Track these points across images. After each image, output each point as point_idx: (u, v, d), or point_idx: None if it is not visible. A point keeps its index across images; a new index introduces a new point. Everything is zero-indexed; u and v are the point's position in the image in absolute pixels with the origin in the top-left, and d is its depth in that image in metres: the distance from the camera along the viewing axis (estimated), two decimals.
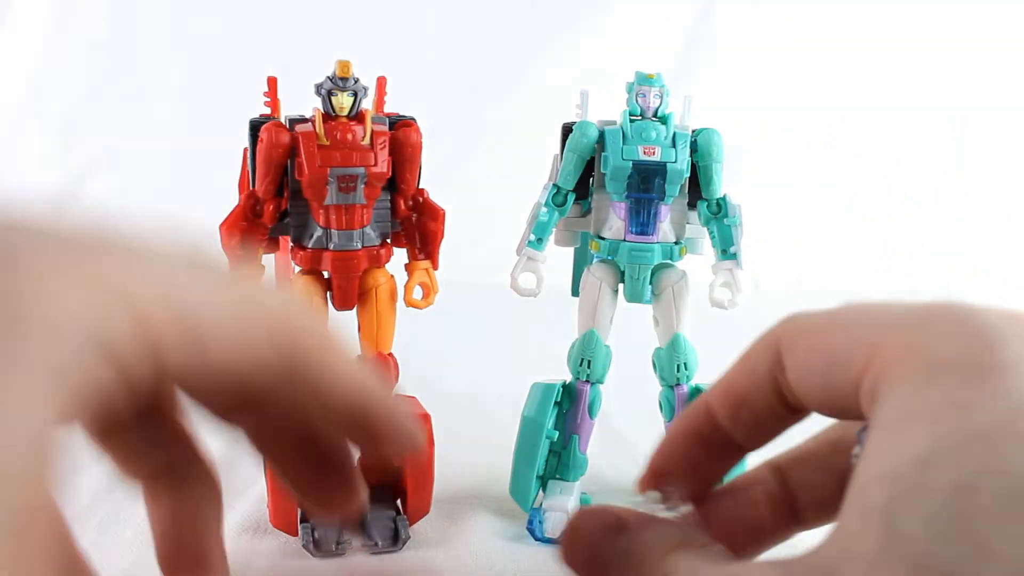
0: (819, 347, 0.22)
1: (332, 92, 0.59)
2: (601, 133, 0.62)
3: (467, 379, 0.92)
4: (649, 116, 0.63)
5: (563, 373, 0.66)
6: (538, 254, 0.64)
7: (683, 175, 0.62)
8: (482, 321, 1.09)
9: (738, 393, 0.24)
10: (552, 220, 0.64)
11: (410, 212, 0.63)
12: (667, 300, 0.63)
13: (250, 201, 0.60)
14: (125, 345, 0.16)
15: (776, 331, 0.23)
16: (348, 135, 0.58)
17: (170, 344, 0.17)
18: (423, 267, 0.63)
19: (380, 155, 0.59)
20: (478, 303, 1.08)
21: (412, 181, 0.62)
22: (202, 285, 0.18)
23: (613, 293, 0.65)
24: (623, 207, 0.63)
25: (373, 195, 0.60)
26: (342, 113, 0.59)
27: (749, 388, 0.23)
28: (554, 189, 0.64)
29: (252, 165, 0.60)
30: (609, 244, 0.64)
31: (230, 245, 0.60)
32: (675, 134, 0.62)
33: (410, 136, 0.60)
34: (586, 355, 0.64)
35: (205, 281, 0.18)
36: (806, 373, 0.22)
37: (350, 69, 0.58)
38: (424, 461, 0.60)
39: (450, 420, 0.63)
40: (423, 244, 0.63)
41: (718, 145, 0.62)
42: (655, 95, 0.62)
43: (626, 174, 0.61)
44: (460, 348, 1.01)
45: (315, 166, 0.58)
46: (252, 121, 0.60)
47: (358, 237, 0.60)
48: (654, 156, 0.61)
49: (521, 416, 0.65)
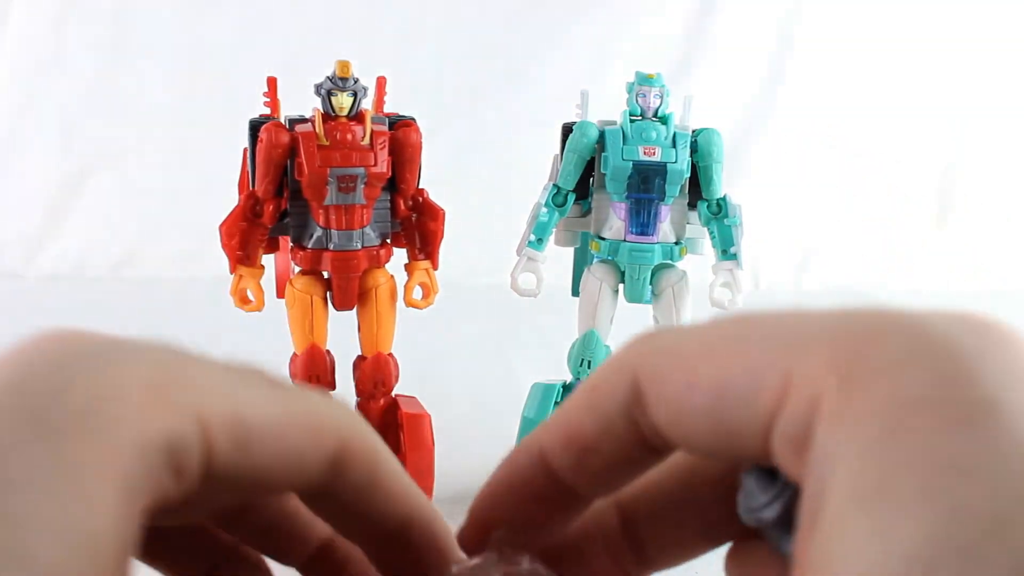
0: (700, 377, 0.16)
1: (332, 92, 0.59)
2: (601, 133, 0.62)
3: (467, 379, 0.92)
4: (649, 116, 0.63)
5: (563, 373, 0.66)
6: (538, 254, 0.64)
7: (683, 175, 0.62)
8: (482, 321, 1.09)
9: (583, 438, 0.18)
10: (552, 220, 0.64)
11: (410, 212, 0.63)
12: (667, 300, 0.64)
13: (250, 201, 0.60)
14: (187, 447, 0.17)
15: (629, 357, 0.18)
16: (348, 135, 0.58)
17: (220, 441, 0.17)
18: (423, 267, 0.64)
19: (380, 155, 0.59)
20: (478, 303, 1.08)
21: (412, 181, 0.62)
22: (256, 389, 0.18)
23: (613, 293, 0.65)
24: (623, 207, 0.63)
25: (373, 195, 0.60)
26: (342, 113, 0.59)
27: (596, 432, 0.18)
28: (554, 189, 0.64)
29: (252, 165, 0.60)
30: (609, 244, 0.64)
31: (230, 245, 0.60)
32: (675, 134, 0.62)
33: (410, 136, 0.61)
34: (586, 355, 0.65)
35: (259, 386, 0.19)
36: (683, 412, 0.16)
37: (350, 69, 0.58)
38: (424, 461, 0.60)
39: (450, 420, 0.63)
40: (423, 244, 0.63)
41: (718, 145, 0.62)
42: (655, 95, 0.62)
43: (626, 174, 0.61)
44: (460, 348, 1.01)
45: (315, 166, 0.58)
46: (252, 121, 0.60)
47: (358, 237, 0.60)
48: (654, 156, 0.61)
49: (521, 416, 0.65)
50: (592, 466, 0.19)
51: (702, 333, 0.17)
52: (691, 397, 0.16)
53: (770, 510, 0.17)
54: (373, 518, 0.20)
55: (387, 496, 0.20)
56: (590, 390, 0.18)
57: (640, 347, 0.18)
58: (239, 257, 0.60)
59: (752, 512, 0.17)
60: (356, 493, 0.20)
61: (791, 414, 0.15)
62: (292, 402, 0.19)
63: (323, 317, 0.62)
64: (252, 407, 0.18)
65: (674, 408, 0.17)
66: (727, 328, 0.17)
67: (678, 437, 0.17)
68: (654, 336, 0.18)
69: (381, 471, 0.20)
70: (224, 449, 0.17)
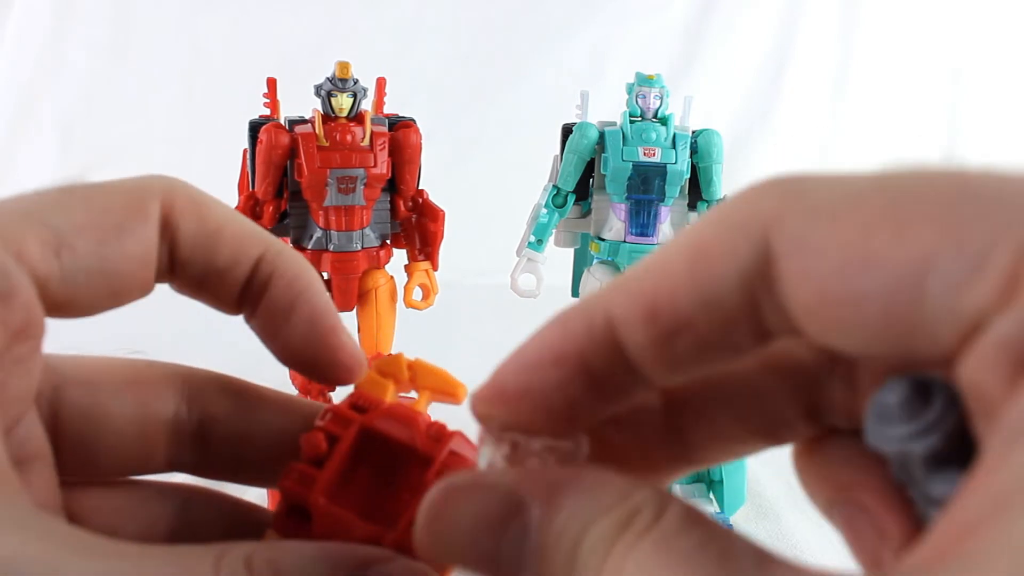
0: (877, 249, 0.12)
1: (332, 93, 0.59)
2: (601, 134, 0.62)
3: (467, 379, 0.91)
4: (649, 117, 0.63)
5: None
6: (538, 255, 0.64)
7: (683, 176, 0.62)
8: (482, 321, 1.09)
9: (676, 311, 0.14)
10: (552, 221, 0.64)
11: (410, 213, 0.63)
12: None
13: (249, 202, 0.60)
14: None
15: (758, 210, 0.13)
16: (348, 136, 0.58)
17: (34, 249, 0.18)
18: (423, 268, 0.64)
19: (380, 156, 0.59)
20: (478, 303, 1.08)
21: (412, 182, 0.62)
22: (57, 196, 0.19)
23: None
24: (623, 208, 0.63)
25: (373, 196, 0.60)
26: (341, 114, 0.59)
27: (696, 305, 0.14)
28: (554, 190, 0.64)
29: (251, 166, 0.60)
30: (609, 245, 0.64)
31: None
32: (675, 135, 0.62)
33: (409, 137, 0.61)
34: None
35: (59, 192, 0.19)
36: (840, 298, 0.12)
37: (350, 70, 0.58)
38: None
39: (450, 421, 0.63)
40: (423, 245, 0.63)
41: (718, 146, 0.62)
42: (655, 96, 0.62)
43: (626, 175, 0.61)
44: (460, 348, 1.01)
45: (315, 167, 0.58)
46: (252, 122, 0.60)
47: (358, 238, 0.60)
48: (654, 157, 0.61)
49: None
50: (679, 347, 0.14)
51: (873, 185, 0.12)
52: (859, 278, 0.12)
53: (922, 441, 0.13)
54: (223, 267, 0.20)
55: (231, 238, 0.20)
56: (694, 249, 0.14)
57: (774, 197, 0.13)
58: None
59: (892, 441, 0.13)
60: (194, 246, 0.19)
61: (1020, 312, 0.11)
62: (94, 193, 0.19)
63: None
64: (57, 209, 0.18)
65: (828, 290, 0.12)
66: (910, 184, 0.12)
67: (823, 329, 0.13)
68: (797, 181, 0.13)
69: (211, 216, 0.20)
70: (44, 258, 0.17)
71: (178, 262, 0.20)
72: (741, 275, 0.13)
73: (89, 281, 0.18)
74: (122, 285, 0.19)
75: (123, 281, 0.19)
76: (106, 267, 0.18)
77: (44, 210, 0.18)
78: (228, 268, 0.20)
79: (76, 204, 0.19)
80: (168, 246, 0.20)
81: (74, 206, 0.18)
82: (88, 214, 0.18)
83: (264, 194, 0.59)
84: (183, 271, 0.20)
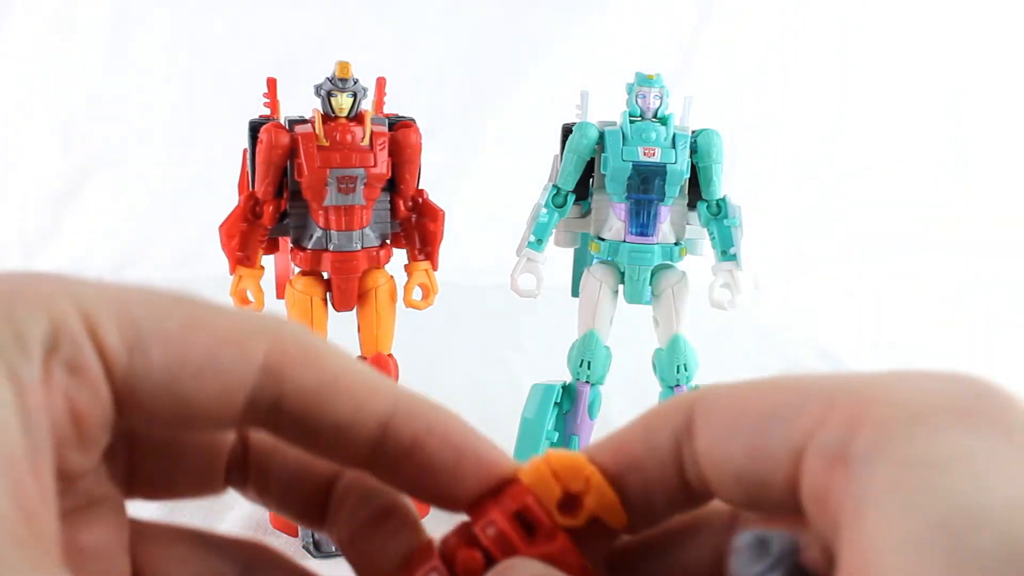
0: (749, 405, 0.17)
1: (332, 93, 0.59)
2: (601, 134, 0.62)
3: (467, 379, 0.92)
4: (649, 117, 0.63)
5: (563, 374, 0.66)
6: (538, 255, 0.64)
7: (683, 176, 0.62)
8: (482, 321, 1.09)
9: (631, 453, 0.19)
10: (552, 221, 0.64)
11: (410, 213, 0.63)
12: (667, 301, 0.63)
13: (250, 202, 0.60)
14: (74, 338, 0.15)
15: (691, 395, 0.19)
16: (348, 136, 0.58)
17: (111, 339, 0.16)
18: (423, 268, 0.64)
19: (379, 156, 0.59)
20: (478, 303, 1.08)
21: (411, 182, 0.62)
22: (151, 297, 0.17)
23: (613, 294, 0.65)
24: (623, 208, 0.63)
25: (372, 196, 0.60)
26: (341, 114, 0.59)
27: (644, 449, 0.19)
28: (554, 190, 0.64)
29: (252, 166, 0.60)
30: (609, 245, 0.64)
31: (230, 246, 0.60)
32: (675, 135, 0.62)
33: (409, 137, 0.61)
34: (586, 356, 0.65)
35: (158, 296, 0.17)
36: (724, 437, 0.17)
37: (350, 70, 0.58)
38: None
39: None
40: (423, 245, 0.63)
41: (718, 146, 0.62)
42: (655, 96, 0.62)
43: (626, 175, 0.61)
44: (460, 348, 1.01)
45: (315, 167, 0.58)
46: (252, 122, 0.60)
47: (357, 238, 0.60)
48: (654, 157, 0.61)
49: (521, 417, 0.65)
50: (632, 484, 0.19)
51: (759, 382, 0.18)
52: (734, 422, 0.17)
53: (771, 574, 0.17)
54: (343, 424, 0.17)
55: (350, 395, 0.17)
56: (649, 414, 0.19)
57: (703, 390, 0.19)
58: (239, 258, 0.60)
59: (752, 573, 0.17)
60: (308, 401, 0.17)
61: (835, 429, 0.16)
62: (198, 309, 0.17)
63: (323, 318, 0.62)
64: (143, 308, 0.16)
65: (717, 433, 0.18)
66: (785, 379, 0.18)
67: (713, 463, 0.18)
68: (715, 386, 0.19)
69: (328, 368, 0.17)
70: (117, 349, 0.16)
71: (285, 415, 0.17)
72: (672, 430, 0.18)
73: (153, 398, 0.16)
74: (189, 415, 0.17)
75: (191, 412, 0.17)
76: (175, 389, 0.16)
77: (130, 300, 0.16)
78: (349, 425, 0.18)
79: (167, 308, 0.16)
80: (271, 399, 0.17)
81: (164, 309, 0.16)
82: (178, 326, 0.16)
83: (264, 194, 0.59)
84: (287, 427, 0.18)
